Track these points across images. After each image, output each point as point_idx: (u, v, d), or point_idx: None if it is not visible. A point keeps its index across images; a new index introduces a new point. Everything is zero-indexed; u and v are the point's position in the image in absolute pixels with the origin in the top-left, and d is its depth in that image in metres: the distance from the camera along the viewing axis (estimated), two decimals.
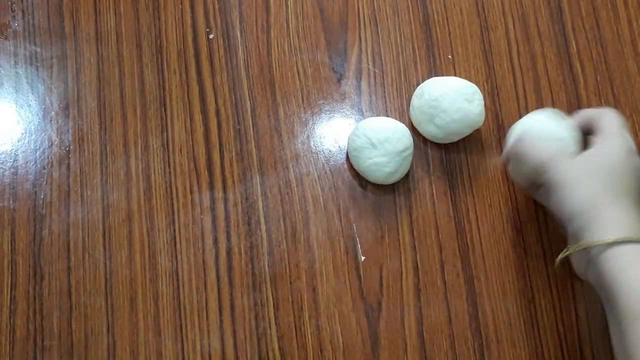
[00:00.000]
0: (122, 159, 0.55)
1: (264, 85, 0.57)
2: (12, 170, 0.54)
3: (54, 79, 0.56)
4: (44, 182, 0.54)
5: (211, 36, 0.58)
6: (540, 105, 0.57)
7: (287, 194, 0.54)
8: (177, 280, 0.52)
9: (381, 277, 0.53)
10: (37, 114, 0.56)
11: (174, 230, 0.53)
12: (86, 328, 0.51)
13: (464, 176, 0.55)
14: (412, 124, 0.55)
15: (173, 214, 0.54)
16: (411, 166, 0.55)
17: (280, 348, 0.51)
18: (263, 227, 0.54)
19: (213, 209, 0.54)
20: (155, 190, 0.54)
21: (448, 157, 0.56)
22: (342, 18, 0.59)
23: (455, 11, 0.59)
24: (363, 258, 0.53)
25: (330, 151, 0.56)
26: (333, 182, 0.55)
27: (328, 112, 0.57)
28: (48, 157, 0.54)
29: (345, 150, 0.55)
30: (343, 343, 0.51)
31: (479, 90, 0.53)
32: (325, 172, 0.55)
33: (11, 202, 0.53)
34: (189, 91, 0.56)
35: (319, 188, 0.54)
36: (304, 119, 0.56)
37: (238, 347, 0.51)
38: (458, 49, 0.58)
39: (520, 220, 0.54)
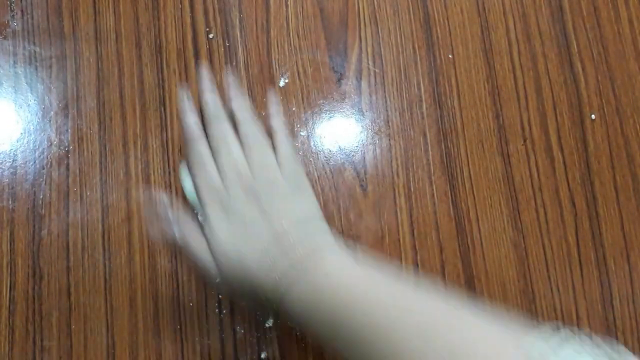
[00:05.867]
0: (121, 158, 0.54)
1: (264, 85, 0.57)
2: (11, 170, 0.54)
3: (53, 78, 0.56)
4: (43, 182, 0.54)
5: (211, 36, 0.57)
6: (541, 104, 0.57)
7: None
8: (177, 280, 0.52)
9: None
10: (36, 114, 0.55)
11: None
12: (85, 328, 0.51)
13: (464, 176, 0.55)
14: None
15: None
16: (412, 166, 0.55)
17: (280, 348, 0.51)
18: None
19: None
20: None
21: (448, 157, 0.55)
22: (342, 17, 0.58)
23: (456, 10, 0.59)
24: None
25: (330, 151, 0.55)
26: (333, 182, 0.55)
27: (328, 112, 0.56)
28: (47, 157, 0.54)
29: (345, 151, 0.55)
30: None
31: None
32: (325, 172, 0.55)
33: (10, 202, 0.53)
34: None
35: (319, 188, 0.54)
36: (304, 119, 0.56)
37: (238, 348, 0.51)
38: (458, 48, 0.58)
39: (520, 221, 0.54)
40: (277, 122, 0.47)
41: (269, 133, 0.46)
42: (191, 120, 0.46)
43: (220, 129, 0.45)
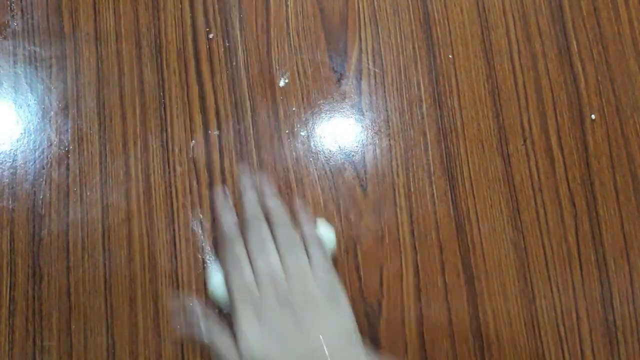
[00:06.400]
0: (121, 158, 0.54)
1: (264, 85, 0.57)
2: (11, 170, 0.54)
3: (53, 78, 0.56)
4: (43, 182, 0.54)
5: (211, 36, 0.57)
6: (541, 104, 0.57)
7: (287, 194, 0.54)
8: (177, 280, 0.52)
9: (381, 277, 0.53)
10: (36, 114, 0.55)
11: (174, 230, 0.53)
12: (85, 329, 0.51)
13: (464, 176, 0.55)
14: None
15: (172, 214, 0.53)
16: (412, 166, 0.55)
17: None
18: None
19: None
20: (155, 190, 0.54)
21: (448, 157, 0.55)
22: (342, 17, 0.58)
23: (456, 10, 0.59)
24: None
25: (330, 151, 0.55)
26: (333, 182, 0.55)
27: (328, 112, 0.56)
28: (47, 157, 0.54)
29: (345, 151, 0.55)
30: None
31: None
32: (325, 172, 0.55)
33: (10, 202, 0.53)
34: (188, 91, 0.56)
35: (319, 188, 0.54)
36: (304, 119, 0.56)
37: None
38: (458, 48, 0.58)
39: (520, 221, 0.54)
40: (310, 230, 0.46)
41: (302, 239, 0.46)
42: (230, 220, 0.46)
43: (259, 232, 0.45)
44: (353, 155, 0.55)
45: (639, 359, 0.52)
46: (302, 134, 0.56)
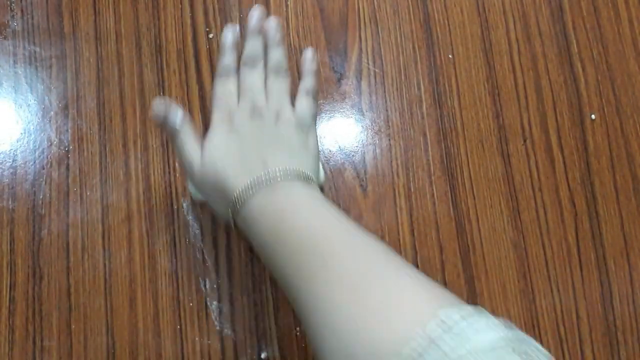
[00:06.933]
0: (121, 158, 0.54)
1: None
2: (11, 170, 0.54)
3: (53, 78, 0.56)
4: (43, 182, 0.54)
5: (211, 35, 0.57)
6: (541, 104, 0.57)
7: None
8: (177, 280, 0.52)
9: None
10: (36, 114, 0.55)
11: (174, 230, 0.53)
12: (85, 329, 0.51)
13: (464, 176, 0.55)
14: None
15: (172, 214, 0.53)
16: (412, 166, 0.55)
17: (280, 348, 0.51)
18: None
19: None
20: (155, 190, 0.54)
21: (448, 157, 0.55)
22: (342, 17, 0.58)
23: (456, 10, 0.59)
24: None
25: (330, 151, 0.55)
26: (333, 182, 0.55)
27: (328, 112, 0.56)
28: (47, 157, 0.54)
29: (345, 151, 0.55)
30: None
31: None
32: (325, 172, 0.55)
33: (10, 202, 0.53)
34: (188, 91, 0.56)
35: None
36: None
37: (238, 348, 0.51)
38: (458, 48, 0.58)
39: (520, 221, 0.54)
40: (310, 83, 0.47)
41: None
42: (231, 37, 0.46)
43: (254, 48, 0.46)
44: (353, 155, 0.55)
45: (639, 359, 0.52)
46: None
